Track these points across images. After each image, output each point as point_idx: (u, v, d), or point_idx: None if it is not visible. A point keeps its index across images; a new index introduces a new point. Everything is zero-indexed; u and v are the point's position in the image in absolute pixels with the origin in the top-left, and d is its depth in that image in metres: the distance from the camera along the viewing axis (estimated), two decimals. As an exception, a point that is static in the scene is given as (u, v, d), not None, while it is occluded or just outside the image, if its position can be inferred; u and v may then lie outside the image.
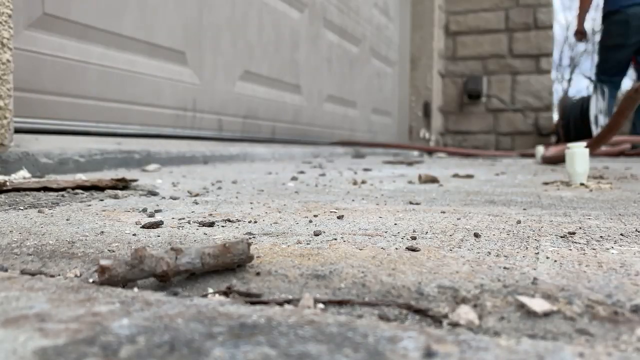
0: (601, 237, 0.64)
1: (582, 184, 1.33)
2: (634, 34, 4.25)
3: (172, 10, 2.26)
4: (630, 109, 1.83)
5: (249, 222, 0.75)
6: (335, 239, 0.62)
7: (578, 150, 1.34)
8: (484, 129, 5.56)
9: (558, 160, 2.33)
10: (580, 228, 0.70)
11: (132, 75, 2.09)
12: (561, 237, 0.64)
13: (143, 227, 0.70)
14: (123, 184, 1.16)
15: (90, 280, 0.51)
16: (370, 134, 4.54)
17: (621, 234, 0.65)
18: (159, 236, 0.64)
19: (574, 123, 5.01)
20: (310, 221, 0.76)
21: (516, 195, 1.13)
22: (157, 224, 0.71)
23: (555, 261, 0.51)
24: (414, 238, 0.63)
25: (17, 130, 1.49)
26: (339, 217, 0.79)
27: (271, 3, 3.02)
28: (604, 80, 4.54)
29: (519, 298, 0.41)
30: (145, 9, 2.12)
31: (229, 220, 0.76)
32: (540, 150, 2.81)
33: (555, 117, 5.41)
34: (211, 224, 0.72)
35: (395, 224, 0.73)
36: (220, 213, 0.83)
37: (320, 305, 0.43)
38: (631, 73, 4.78)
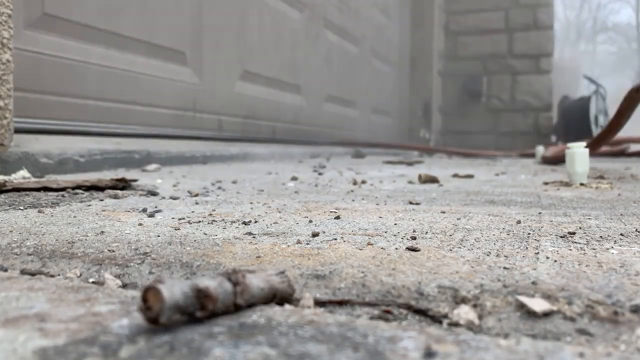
0: (601, 237, 0.64)
1: (582, 184, 1.33)
2: None
3: (172, 10, 2.26)
4: (631, 109, 1.83)
5: (249, 222, 0.75)
6: (335, 239, 0.62)
7: (578, 150, 1.34)
8: (484, 129, 5.55)
9: (558, 160, 2.33)
10: (580, 228, 0.70)
11: (132, 75, 2.09)
12: (561, 237, 0.64)
13: (143, 227, 0.70)
14: (123, 184, 1.16)
15: (90, 280, 0.51)
16: (370, 134, 4.54)
17: (621, 234, 0.65)
18: (158, 236, 0.64)
19: (574, 123, 5.01)
20: (310, 221, 0.76)
21: (516, 195, 1.13)
22: (157, 224, 0.71)
23: (555, 261, 0.51)
24: (414, 238, 0.63)
25: (17, 130, 1.49)
26: (338, 217, 0.79)
27: (271, 3, 3.02)
28: None
29: (519, 298, 0.41)
30: (145, 9, 2.12)
31: (229, 221, 0.76)
32: (540, 150, 2.82)
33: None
34: (211, 224, 0.72)
35: (395, 224, 0.73)
36: (220, 213, 0.83)
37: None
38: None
